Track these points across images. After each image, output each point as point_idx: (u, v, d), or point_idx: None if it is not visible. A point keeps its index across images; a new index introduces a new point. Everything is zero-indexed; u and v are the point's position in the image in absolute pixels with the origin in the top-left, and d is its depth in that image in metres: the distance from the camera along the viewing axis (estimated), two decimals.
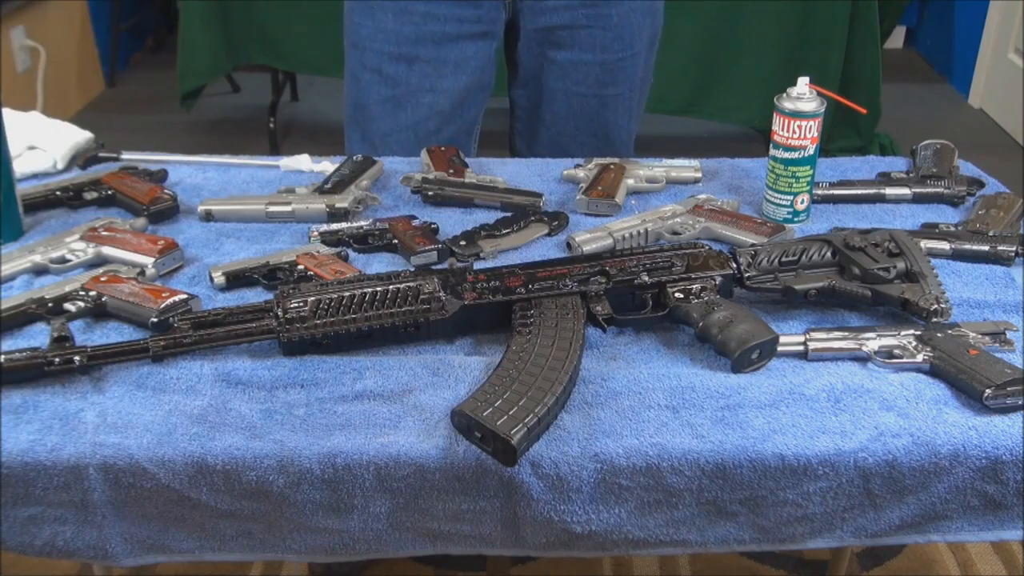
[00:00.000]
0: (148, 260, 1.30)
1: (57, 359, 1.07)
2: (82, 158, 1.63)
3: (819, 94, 1.40)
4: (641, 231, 1.40)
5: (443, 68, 1.72)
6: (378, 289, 1.15)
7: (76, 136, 1.67)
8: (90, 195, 1.50)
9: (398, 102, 1.73)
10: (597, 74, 1.76)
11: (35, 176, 1.60)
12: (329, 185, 1.50)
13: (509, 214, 1.46)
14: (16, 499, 1.02)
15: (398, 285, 1.16)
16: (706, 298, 1.17)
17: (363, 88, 1.74)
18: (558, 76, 1.78)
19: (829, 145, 3.42)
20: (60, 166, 1.62)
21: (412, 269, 1.26)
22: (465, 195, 1.51)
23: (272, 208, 1.46)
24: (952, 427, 1.04)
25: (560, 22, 1.72)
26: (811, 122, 1.39)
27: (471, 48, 1.71)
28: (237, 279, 1.29)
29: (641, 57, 1.80)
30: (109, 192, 1.49)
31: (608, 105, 1.80)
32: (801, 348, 1.14)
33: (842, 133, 3.48)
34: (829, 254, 1.24)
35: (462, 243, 1.37)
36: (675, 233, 1.41)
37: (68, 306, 1.20)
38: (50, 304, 1.20)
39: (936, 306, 1.17)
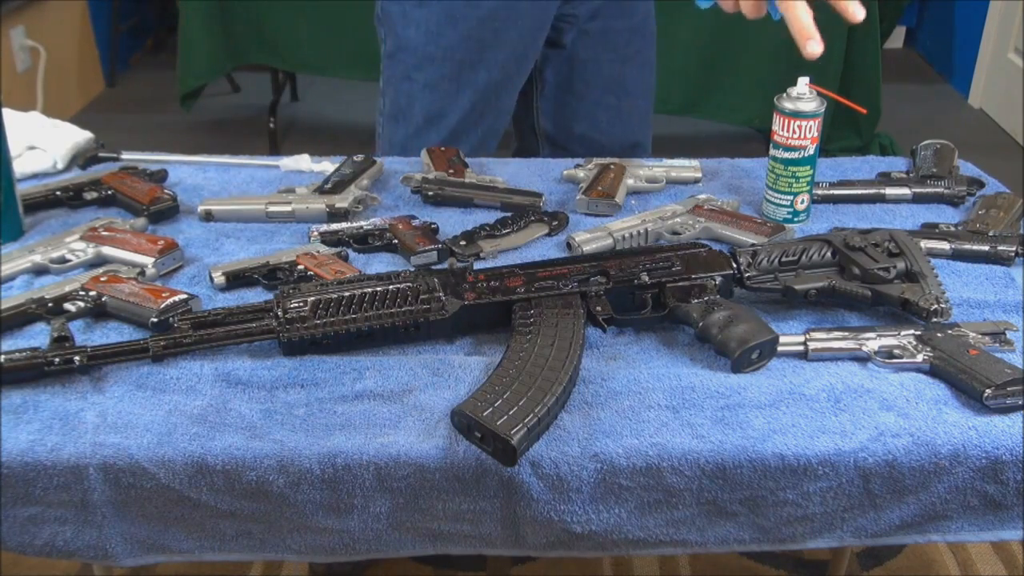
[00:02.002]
0: (148, 260, 1.30)
1: (57, 359, 1.07)
2: (82, 158, 1.63)
3: (819, 94, 1.40)
4: (641, 231, 1.40)
5: (522, 68, 1.77)
6: (378, 289, 1.15)
7: (76, 136, 1.67)
8: (90, 195, 1.50)
9: (481, 111, 1.76)
10: (625, 38, 1.81)
11: (35, 176, 1.59)
12: (329, 185, 1.50)
13: (509, 214, 1.46)
14: (16, 499, 1.02)
15: (398, 285, 1.16)
16: (706, 298, 1.17)
17: (441, 96, 1.75)
18: (589, 47, 1.80)
19: (829, 145, 3.42)
20: (60, 166, 1.62)
21: (412, 269, 1.26)
22: (465, 195, 1.51)
23: (272, 208, 1.46)
24: (952, 427, 1.04)
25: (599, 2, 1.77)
26: (811, 122, 1.39)
27: (535, 50, 1.76)
28: (237, 279, 1.29)
29: (651, 15, 1.85)
30: (109, 192, 1.49)
31: (627, 62, 1.83)
32: (801, 348, 1.14)
33: (842, 133, 3.48)
34: (829, 254, 1.24)
35: (462, 243, 1.37)
36: (675, 233, 1.41)
37: (68, 306, 1.20)
38: (50, 304, 1.20)
39: (936, 306, 1.17)
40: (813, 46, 1.12)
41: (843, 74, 3.38)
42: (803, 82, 1.40)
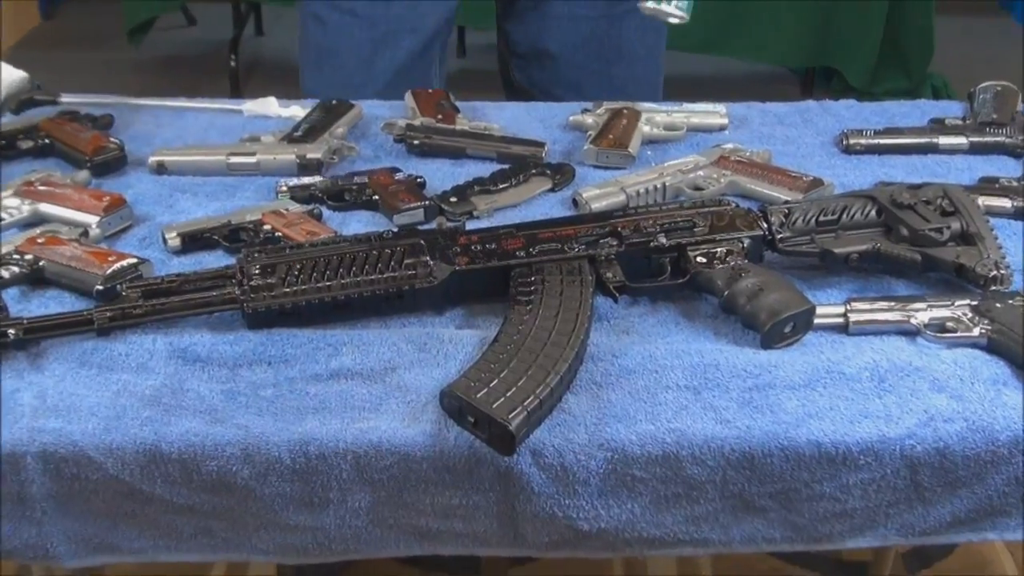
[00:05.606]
0: (92, 219, 1.30)
1: None
2: (15, 101, 1.62)
3: None
4: (658, 186, 1.39)
5: (423, 3, 1.72)
6: (356, 252, 1.15)
7: (8, 76, 1.66)
8: (25, 144, 1.49)
9: (375, 46, 1.73)
10: None
11: None
12: (299, 133, 1.50)
13: (506, 166, 1.45)
14: None
15: (379, 248, 1.15)
16: (732, 263, 1.17)
17: (331, 31, 1.74)
18: (561, 1, 1.77)
19: (874, 87, 3.41)
20: None
21: (395, 229, 1.26)
22: (456, 144, 1.51)
23: (234, 159, 1.46)
24: (1012, 411, 1.04)
25: None
26: None
27: None
28: (194, 241, 1.29)
29: None
30: (46, 140, 1.49)
31: (620, 21, 1.80)
32: (841, 320, 1.14)
33: (889, 73, 3.46)
34: (874, 213, 1.24)
35: (452, 200, 1.37)
36: (697, 188, 1.41)
37: (0, 272, 1.20)
38: None
39: (995, 272, 1.17)
40: None
41: (890, 6, 3.36)
42: None
